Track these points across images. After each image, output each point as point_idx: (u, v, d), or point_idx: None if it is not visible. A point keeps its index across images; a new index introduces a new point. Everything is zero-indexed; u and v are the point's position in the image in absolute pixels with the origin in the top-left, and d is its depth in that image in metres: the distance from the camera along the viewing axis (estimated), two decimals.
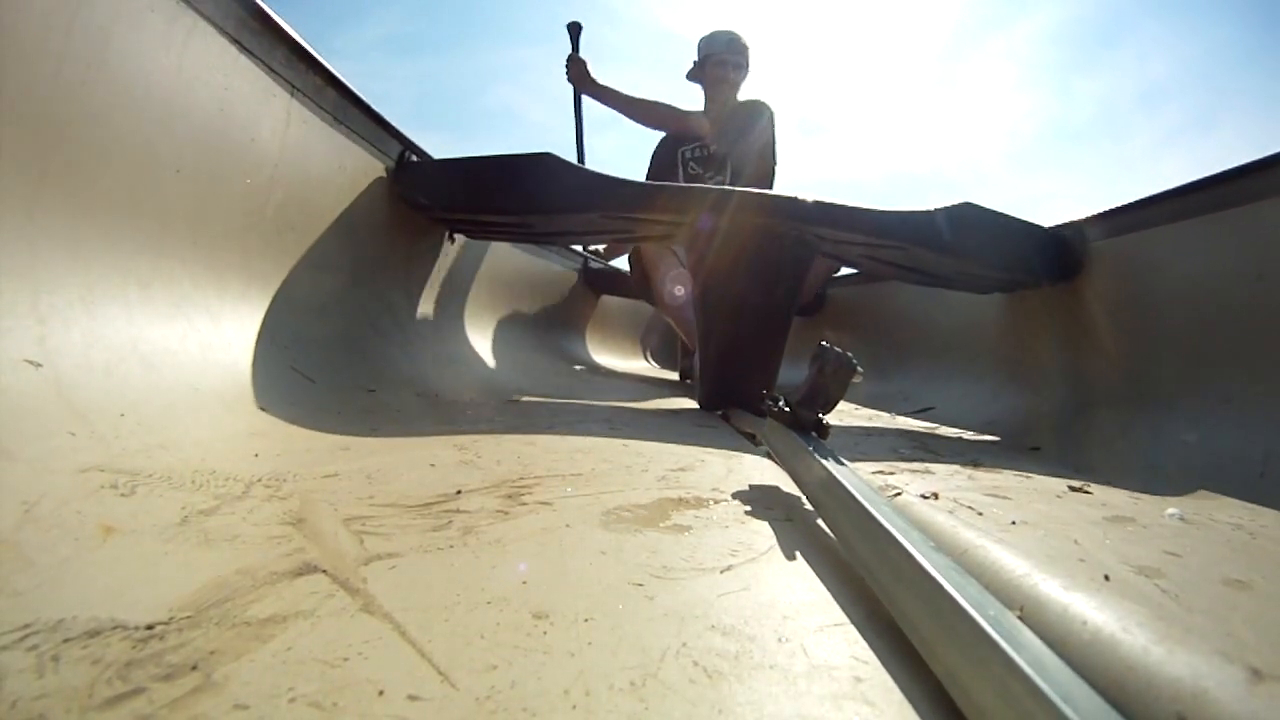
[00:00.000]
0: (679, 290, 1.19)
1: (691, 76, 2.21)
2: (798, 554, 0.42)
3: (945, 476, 0.72)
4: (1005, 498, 0.60)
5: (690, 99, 2.21)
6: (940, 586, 0.27)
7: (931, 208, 1.16)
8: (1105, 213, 1.16)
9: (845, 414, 1.48)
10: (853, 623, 0.33)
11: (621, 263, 2.50)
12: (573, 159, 1.22)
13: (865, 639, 0.31)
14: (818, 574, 0.39)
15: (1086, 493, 0.65)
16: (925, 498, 0.58)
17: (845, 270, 1.89)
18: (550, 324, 2.39)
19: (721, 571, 0.38)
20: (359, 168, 1.16)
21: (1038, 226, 1.23)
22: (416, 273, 1.44)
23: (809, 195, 1.15)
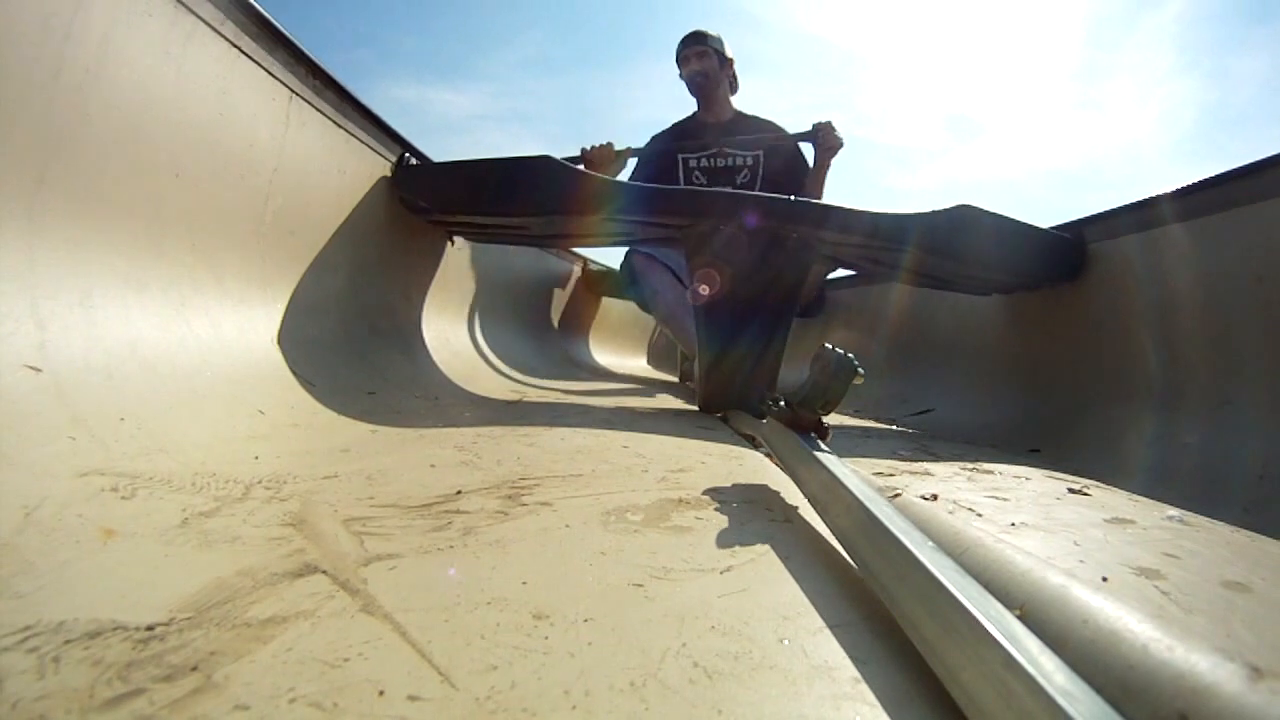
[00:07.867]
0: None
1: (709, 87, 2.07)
2: (798, 555, 0.42)
3: (945, 478, 0.72)
4: (1005, 499, 0.60)
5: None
6: (941, 586, 0.27)
7: (930, 209, 1.16)
8: (1104, 214, 1.17)
9: (845, 415, 1.48)
10: (853, 623, 0.33)
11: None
12: None
13: (865, 639, 0.31)
14: (818, 574, 0.39)
15: (1086, 494, 0.65)
16: (925, 499, 0.58)
17: (845, 272, 1.89)
18: (550, 325, 2.40)
19: (721, 572, 0.38)
20: (359, 170, 1.16)
21: (1037, 228, 1.23)
22: (416, 275, 1.44)
23: (809, 198, 1.15)
